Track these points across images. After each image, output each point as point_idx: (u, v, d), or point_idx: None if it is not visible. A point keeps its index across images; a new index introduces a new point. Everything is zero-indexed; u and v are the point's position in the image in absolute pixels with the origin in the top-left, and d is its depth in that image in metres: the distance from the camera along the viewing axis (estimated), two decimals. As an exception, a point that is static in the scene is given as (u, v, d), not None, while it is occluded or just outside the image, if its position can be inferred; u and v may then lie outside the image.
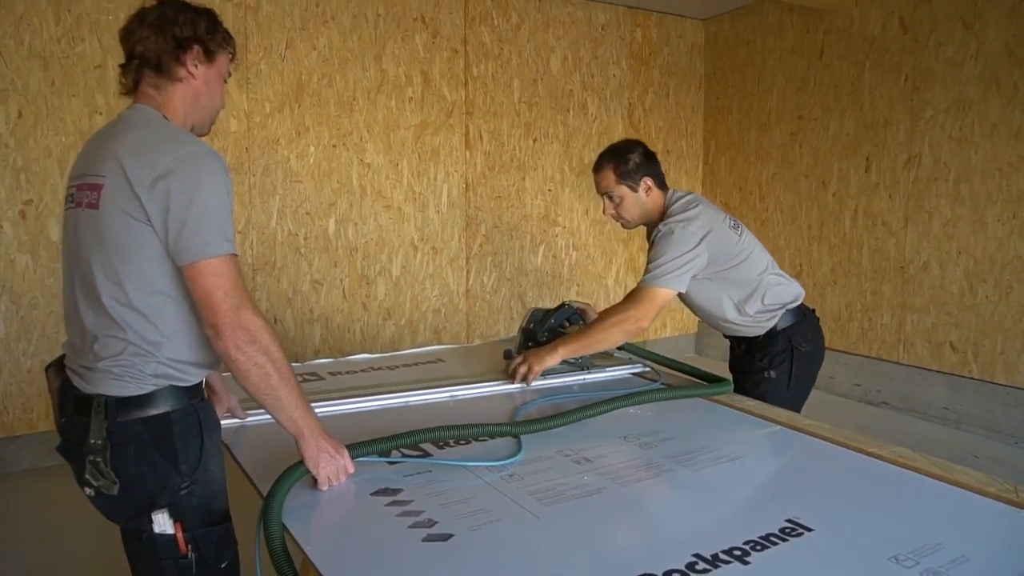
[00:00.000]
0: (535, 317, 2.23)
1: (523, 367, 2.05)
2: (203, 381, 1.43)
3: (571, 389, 2.08)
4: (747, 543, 1.14)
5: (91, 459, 1.27)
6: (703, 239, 2.08)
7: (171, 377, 1.32)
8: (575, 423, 1.70)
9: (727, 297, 2.19)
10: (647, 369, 2.29)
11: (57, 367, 1.43)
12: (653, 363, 2.31)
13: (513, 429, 1.62)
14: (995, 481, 1.39)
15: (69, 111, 3.45)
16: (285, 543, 1.16)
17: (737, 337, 2.32)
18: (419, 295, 4.49)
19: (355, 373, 2.22)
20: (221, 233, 1.25)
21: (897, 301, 4.32)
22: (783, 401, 2.11)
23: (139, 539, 1.33)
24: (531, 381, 2.04)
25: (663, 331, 5.51)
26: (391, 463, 1.48)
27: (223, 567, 1.37)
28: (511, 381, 2.07)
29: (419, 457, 1.52)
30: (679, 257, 2.06)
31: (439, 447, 1.57)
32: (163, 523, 1.31)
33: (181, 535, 1.31)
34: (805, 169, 4.83)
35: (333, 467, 1.35)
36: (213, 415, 1.43)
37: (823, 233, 4.74)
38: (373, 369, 2.28)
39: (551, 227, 4.98)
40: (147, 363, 1.29)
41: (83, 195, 1.30)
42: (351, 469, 1.39)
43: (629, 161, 2.17)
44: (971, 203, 3.91)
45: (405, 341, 4.42)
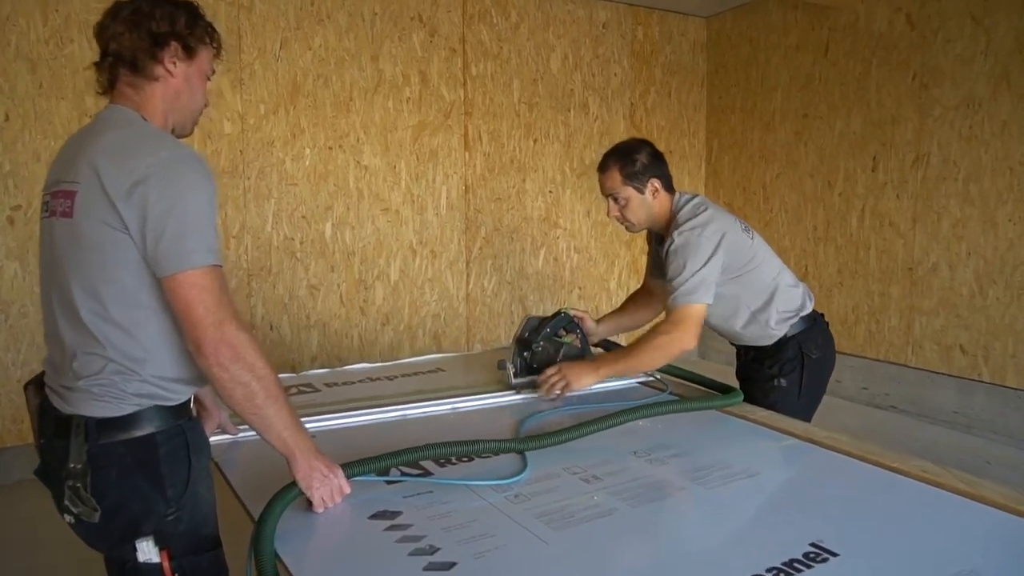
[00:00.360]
0: (530, 326, 2.15)
1: (559, 382, 1.95)
2: (191, 399, 1.36)
3: (571, 400, 2.00)
4: (770, 571, 1.08)
5: (70, 484, 1.21)
6: (720, 243, 2.00)
7: (155, 396, 1.25)
8: (583, 437, 1.62)
9: (744, 306, 2.11)
10: (652, 378, 2.23)
11: (37, 385, 1.37)
12: (660, 371, 2.23)
13: (520, 445, 1.55)
14: (1025, 497, 1.33)
15: (58, 114, 3.37)
16: (277, 572, 1.10)
17: (745, 345, 2.25)
18: (418, 300, 4.42)
19: (352, 384, 2.16)
20: (203, 242, 1.17)
21: (905, 303, 4.24)
22: (793, 410, 2.06)
23: (122, 568, 1.27)
24: (563, 397, 1.96)
25: (666, 334, 5.43)
26: (389, 482, 1.41)
27: (213, 597, 1.30)
28: (514, 392, 2.02)
29: (419, 476, 1.45)
30: (703, 267, 1.97)
31: (440, 465, 1.50)
32: (148, 551, 1.24)
33: (167, 564, 1.24)
34: (810, 169, 4.76)
35: (327, 488, 1.29)
36: (201, 434, 1.37)
37: (829, 234, 4.67)
38: (371, 380, 2.22)
39: (552, 229, 4.90)
40: (129, 381, 1.23)
41: (57, 203, 1.23)
42: (347, 490, 1.32)
43: (636, 162, 2.08)
44: (981, 203, 3.84)
45: (404, 347, 4.35)
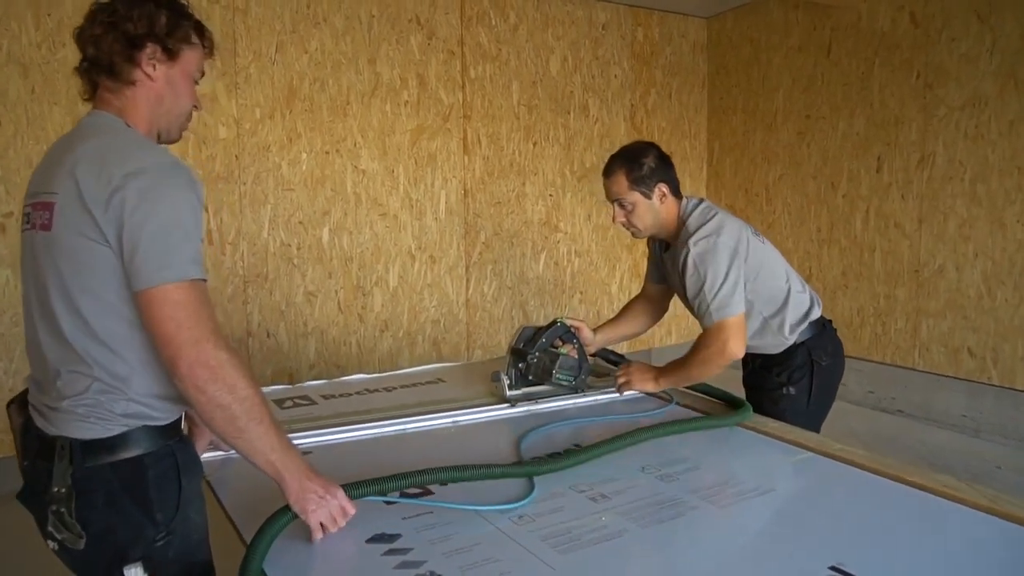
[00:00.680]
0: (525, 336, 2.11)
1: (626, 381, 2.08)
2: (180, 418, 1.30)
3: (566, 414, 1.96)
4: (791, 599, 1.03)
5: (54, 509, 1.15)
6: (736, 247, 1.95)
7: (143, 416, 1.19)
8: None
9: (757, 312, 2.05)
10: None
11: (20, 404, 1.32)
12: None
13: (533, 469, 1.47)
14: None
15: (50, 119, 3.32)
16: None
17: (752, 352, 2.18)
18: (417, 306, 4.35)
19: (349, 396, 2.10)
20: (180, 255, 1.11)
21: (912, 305, 4.19)
22: (803, 419, 2.01)
23: (109, 597, 1.20)
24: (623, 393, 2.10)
25: (668, 339, 5.37)
26: (388, 503, 1.35)
27: (204, 626, 1.24)
28: (512, 404, 2.00)
29: (419, 495, 1.39)
30: (727, 277, 1.91)
31: (442, 484, 1.44)
32: (136, 579, 1.18)
33: (156, 591, 1.18)
34: (813, 170, 4.70)
35: (325, 511, 1.22)
36: (192, 455, 1.30)
37: (833, 236, 4.61)
38: (369, 391, 2.16)
39: (552, 233, 4.85)
40: (115, 401, 1.17)
41: (37, 215, 1.17)
42: (351, 511, 1.24)
43: (643, 165, 2.02)
44: (988, 203, 3.78)
45: (403, 354, 4.29)
